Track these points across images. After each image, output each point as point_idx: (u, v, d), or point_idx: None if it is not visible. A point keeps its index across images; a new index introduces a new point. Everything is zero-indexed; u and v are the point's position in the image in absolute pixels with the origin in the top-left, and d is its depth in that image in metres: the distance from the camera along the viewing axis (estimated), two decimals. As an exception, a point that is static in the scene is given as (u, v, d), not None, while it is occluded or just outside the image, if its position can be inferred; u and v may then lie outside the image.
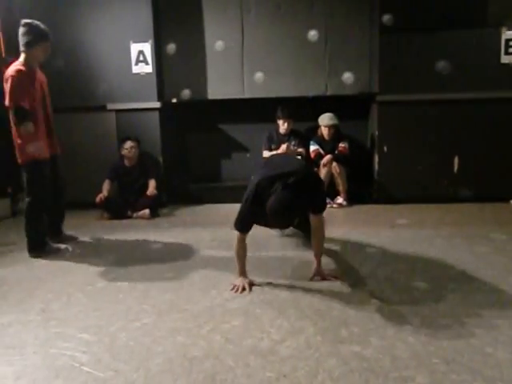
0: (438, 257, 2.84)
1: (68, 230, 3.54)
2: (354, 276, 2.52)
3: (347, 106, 4.83)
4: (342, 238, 3.34)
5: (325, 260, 2.57)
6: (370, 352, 1.69)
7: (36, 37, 3.00)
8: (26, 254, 3.15)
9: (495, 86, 4.40)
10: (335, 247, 3.06)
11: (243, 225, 2.35)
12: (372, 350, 1.70)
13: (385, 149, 4.65)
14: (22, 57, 3.03)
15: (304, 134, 4.89)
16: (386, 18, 4.32)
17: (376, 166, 4.70)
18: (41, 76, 3.21)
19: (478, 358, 1.64)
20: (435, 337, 1.80)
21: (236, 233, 2.37)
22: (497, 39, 4.37)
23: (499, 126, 4.50)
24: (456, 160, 4.59)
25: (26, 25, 3.01)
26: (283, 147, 4.66)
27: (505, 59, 4.39)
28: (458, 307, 2.08)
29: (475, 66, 4.42)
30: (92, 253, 3.18)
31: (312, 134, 4.84)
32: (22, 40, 3.01)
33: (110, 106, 4.74)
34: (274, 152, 4.68)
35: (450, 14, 4.37)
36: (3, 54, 4.44)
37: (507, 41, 4.36)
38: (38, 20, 3.17)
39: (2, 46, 4.49)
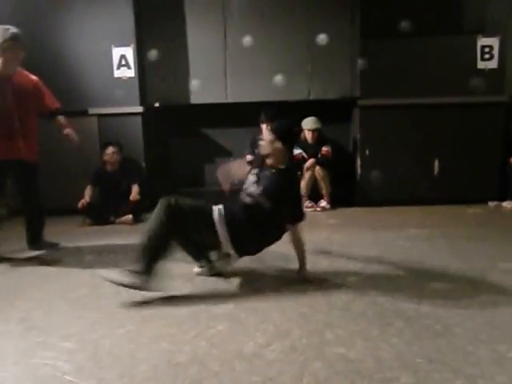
0: (420, 258, 2.89)
1: (50, 237, 3.47)
2: (337, 279, 2.54)
3: (330, 111, 4.89)
4: (325, 240, 3.37)
5: (308, 263, 2.58)
6: (354, 354, 1.71)
7: (5, 41, 2.97)
8: (4, 262, 3.09)
9: (472, 90, 4.52)
10: (319, 250, 3.08)
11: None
12: (357, 352, 1.72)
13: (367, 152, 4.72)
14: None
15: None
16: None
17: (358, 169, 4.76)
18: (20, 80, 3.14)
19: (459, 357, 1.67)
20: (418, 337, 1.83)
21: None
22: (473, 45, 4.51)
23: (477, 129, 4.62)
24: (436, 163, 4.69)
25: None
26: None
27: (481, 65, 4.53)
28: (439, 307, 2.11)
29: (453, 71, 4.54)
30: (74, 259, 3.12)
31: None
32: None
33: (91, 111, 4.68)
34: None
35: (429, 21, 4.49)
36: None
37: (483, 47, 4.50)
38: (18, 24, 3.13)
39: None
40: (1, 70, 3.01)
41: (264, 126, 4.73)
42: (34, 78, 3.26)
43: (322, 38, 4.79)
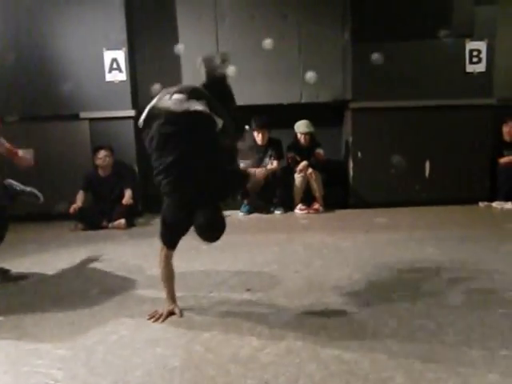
0: (412, 259, 2.91)
1: (41, 243, 3.42)
2: (331, 281, 2.55)
3: (322, 113, 4.92)
4: (318, 243, 3.38)
5: (302, 265, 2.59)
6: (349, 355, 1.71)
7: None
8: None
9: (461, 93, 4.58)
10: (312, 252, 3.09)
11: None
12: (351, 353, 1.73)
13: (359, 154, 4.74)
14: None
15: (281, 144, 4.84)
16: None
17: (351, 172, 4.79)
18: None
19: (452, 356, 1.69)
20: (412, 337, 1.85)
21: None
22: (462, 49, 4.58)
23: (466, 131, 4.68)
24: (427, 164, 4.74)
25: None
26: (262, 171, 4.53)
27: (469, 68, 4.60)
28: (432, 308, 2.13)
29: (443, 74, 4.60)
30: (66, 265, 3.09)
31: (289, 140, 4.88)
32: None
33: (83, 115, 4.65)
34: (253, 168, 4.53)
35: (419, 24, 4.54)
36: None
37: (471, 51, 4.58)
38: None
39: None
40: None
41: (255, 133, 4.69)
42: None
43: (313, 42, 4.82)
